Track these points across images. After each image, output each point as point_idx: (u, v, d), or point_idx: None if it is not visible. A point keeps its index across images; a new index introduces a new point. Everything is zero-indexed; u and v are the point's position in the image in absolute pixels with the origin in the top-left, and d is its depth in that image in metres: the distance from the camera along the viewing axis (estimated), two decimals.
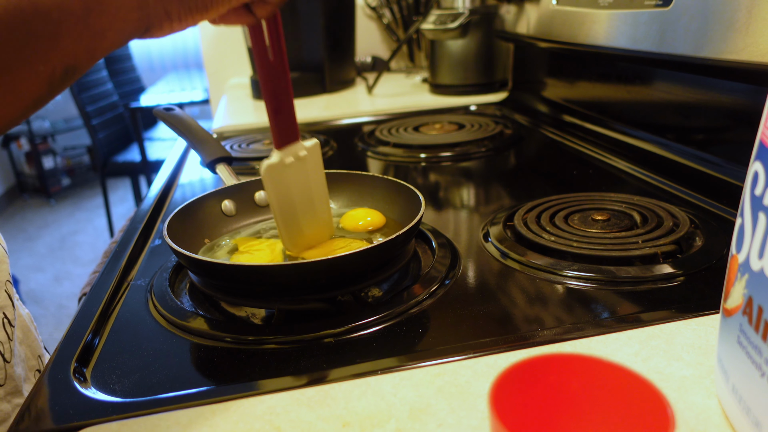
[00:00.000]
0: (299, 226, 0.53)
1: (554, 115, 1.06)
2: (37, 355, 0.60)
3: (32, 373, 0.57)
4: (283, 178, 0.51)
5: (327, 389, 0.38)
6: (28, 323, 0.60)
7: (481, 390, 0.37)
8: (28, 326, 0.60)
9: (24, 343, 0.58)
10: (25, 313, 0.60)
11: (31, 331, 0.60)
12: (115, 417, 0.37)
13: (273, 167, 0.50)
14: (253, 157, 0.94)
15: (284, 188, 0.51)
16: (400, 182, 0.60)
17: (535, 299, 0.47)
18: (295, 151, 0.51)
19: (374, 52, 1.76)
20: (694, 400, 0.34)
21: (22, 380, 0.54)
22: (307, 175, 0.52)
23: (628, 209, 0.60)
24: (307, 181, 0.53)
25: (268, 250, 0.55)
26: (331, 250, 0.53)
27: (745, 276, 0.30)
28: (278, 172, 0.50)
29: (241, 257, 0.55)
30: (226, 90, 1.68)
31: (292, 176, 0.51)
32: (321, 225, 0.55)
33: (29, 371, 0.57)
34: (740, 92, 0.64)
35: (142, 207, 0.77)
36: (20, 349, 0.57)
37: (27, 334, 0.59)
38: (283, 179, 0.51)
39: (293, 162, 0.51)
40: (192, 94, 2.96)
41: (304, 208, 0.53)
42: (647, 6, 0.71)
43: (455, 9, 1.27)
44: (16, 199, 3.97)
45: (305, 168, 0.52)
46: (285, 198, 0.52)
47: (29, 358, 0.58)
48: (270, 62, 0.47)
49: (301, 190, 0.53)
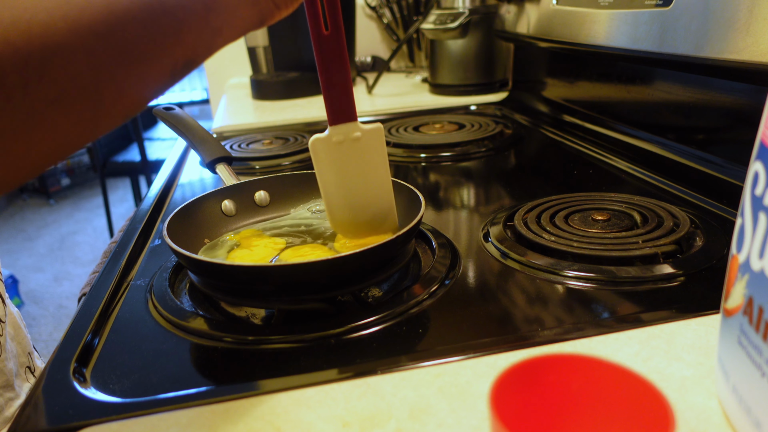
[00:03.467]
0: (349, 210, 0.52)
1: (554, 115, 1.06)
2: (27, 352, 0.61)
3: (23, 369, 0.59)
4: (332, 155, 0.49)
5: (327, 389, 0.38)
6: (18, 320, 0.61)
7: (481, 390, 0.37)
8: (18, 323, 0.61)
9: (15, 339, 0.59)
10: (15, 311, 0.62)
11: (21, 328, 0.61)
12: (114, 417, 0.37)
13: (319, 141, 0.49)
14: (253, 157, 0.94)
15: (332, 167, 0.50)
16: (400, 182, 0.60)
17: (535, 299, 0.47)
18: (348, 131, 0.49)
19: (374, 52, 1.76)
20: (694, 400, 0.34)
21: (13, 375, 0.55)
22: (361, 158, 0.50)
23: (628, 209, 0.60)
24: (361, 164, 0.51)
25: (269, 248, 0.55)
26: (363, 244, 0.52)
27: (745, 276, 0.30)
28: (326, 148, 0.49)
29: (240, 252, 0.55)
30: (226, 90, 1.68)
31: (342, 156, 0.50)
32: (378, 214, 0.53)
33: (20, 367, 0.58)
34: (740, 92, 0.64)
35: (141, 207, 0.77)
36: (12, 345, 0.58)
37: (17, 331, 0.60)
38: (332, 157, 0.49)
39: (344, 141, 0.49)
40: (192, 94, 2.96)
41: (357, 192, 0.51)
42: (647, 6, 0.71)
43: (455, 9, 1.27)
44: (15, 199, 3.97)
45: (359, 150, 0.50)
46: (333, 177, 0.50)
47: (20, 354, 0.59)
48: (324, 35, 0.45)
49: (353, 172, 0.51)
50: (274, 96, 1.42)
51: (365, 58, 1.69)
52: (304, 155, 0.95)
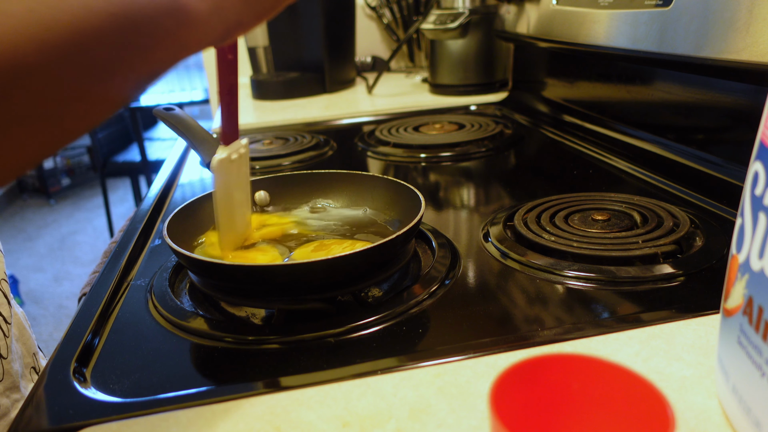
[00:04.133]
0: (234, 223, 0.55)
1: (554, 115, 1.06)
2: (32, 352, 0.61)
3: (28, 370, 0.58)
4: (228, 173, 0.52)
5: (327, 389, 0.38)
6: (23, 321, 0.61)
7: (481, 390, 0.37)
8: (23, 324, 0.61)
9: (20, 340, 0.59)
10: (20, 311, 0.61)
11: (26, 329, 0.61)
12: (114, 417, 0.37)
13: (224, 162, 0.51)
14: (253, 157, 0.94)
15: (228, 183, 0.53)
16: (400, 182, 0.60)
17: (535, 299, 0.47)
18: (236, 147, 0.53)
19: (374, 52, 1.76)
20: (694, 400, 0.34)
21: (19, 376, 0.55)
22: (241, 171, 0.54)
23: (628, 209, 0.60)
24: (241, 177, 0.55)
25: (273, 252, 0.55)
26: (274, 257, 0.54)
27: (745, 276, 0.30)
28: (226, 167, 0.52)
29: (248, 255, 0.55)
30: None
31: (234, 172, 0.53)
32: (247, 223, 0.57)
33: (25, 368, 0.58)
34: (740, 92, 0.64)
35: (142, 207, 0.77)
36: (17, 346, 0.58)
37: (23, 332, 0.60)
38: (228, 175, 0.52)
39: (236, 158, 0.53)
40: (192, 94, 2.96)
41: (240, 203, 0.55)
42: (647, 6, 0.71)
43: (455, 9, 1.27)
44: (15, 199, 3.97)
45: (242, 164, 0.54)
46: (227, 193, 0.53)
47: (25, 355, 0.59)
48: (228, 60, 0.49)
49: (239, 185, 0.54)
50: (274, 96, 1.42)
51: (365, 58, 1.69)
52: (304, 155, 0.95)
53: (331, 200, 0.65)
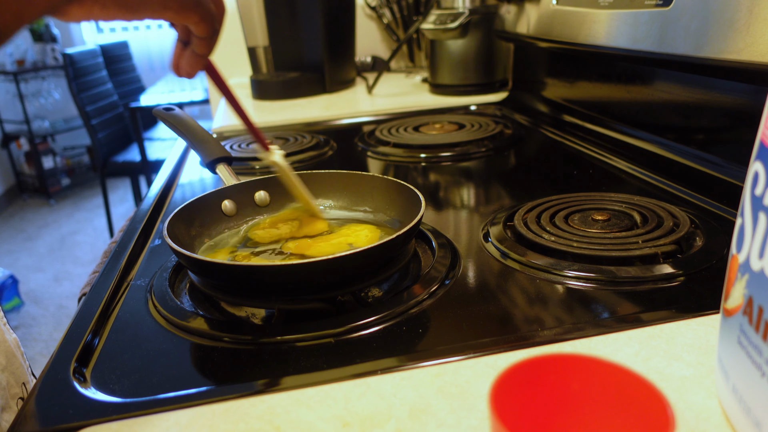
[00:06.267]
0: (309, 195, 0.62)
1: (554, 115, 1.06)
2: (22, 382, 0.56)
3: (14, 401, 0.54)
4: None
5: (327, 389, 0.38)
6: (14, 349, 0.57)
7: (481, 390, 0.37)
8: (13, 352, 0.56)
9: (7, 370, 0.55)
10: (11, 338, 0.57)
11: (16, 357, 0.57)
12: (114, 417, 0.37)
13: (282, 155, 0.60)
14: (253, 157, 0.94)
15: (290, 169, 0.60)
16: (400, 182, 0.60)
17: (535, 299, 0.47)
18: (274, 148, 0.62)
19: (374, 52, 1.76)
20: (694, 400, 0.34)
21: None
22: None
23: (628, 209, 0.60)
24: None
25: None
26: None
27: (745, 276, 0.30)
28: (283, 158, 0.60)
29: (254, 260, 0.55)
30: None
31: None
32: None
33: (11, 399, 0.54)
34: (740, 92, 0.64)
35: (142, 207, 0.77)
36: (2, 376, 0.53)
37: (11, 361, 0.56)
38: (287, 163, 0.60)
39: None
40: (192, 94, 2.96)
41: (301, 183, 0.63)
42: (647, 6, 0.71)
43: (455, 9, 1.27)
44: (15, 199, 3.97)
45: None
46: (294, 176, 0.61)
47: (12, 385, 0.54)
48: (227, 88, 0.55)
49: None
50: (274, 96, 1.42)
51: (365, 58, 1.69)
52: (304, 155, 0.95)
53: (331, 200, 0.65)
